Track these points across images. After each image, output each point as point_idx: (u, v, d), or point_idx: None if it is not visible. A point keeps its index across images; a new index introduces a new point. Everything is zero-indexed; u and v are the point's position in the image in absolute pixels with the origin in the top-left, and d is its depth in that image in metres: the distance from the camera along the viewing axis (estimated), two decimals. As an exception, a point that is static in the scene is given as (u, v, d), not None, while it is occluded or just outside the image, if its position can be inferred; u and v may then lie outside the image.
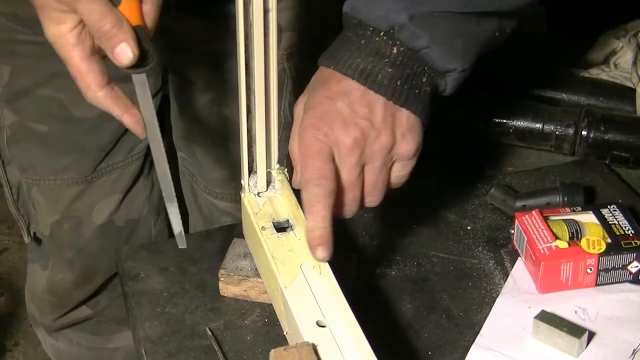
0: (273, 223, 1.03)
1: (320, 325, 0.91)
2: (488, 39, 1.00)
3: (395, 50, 0.96)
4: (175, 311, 1.08)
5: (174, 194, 0.98)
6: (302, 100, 0.99)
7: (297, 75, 1.27)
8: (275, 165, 1.07)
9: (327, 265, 0.96)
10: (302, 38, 1.28)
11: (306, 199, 0.95)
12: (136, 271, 1.15)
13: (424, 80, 0.97)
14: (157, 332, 1.05)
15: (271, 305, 1.07)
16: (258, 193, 1.07)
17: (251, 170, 1.07)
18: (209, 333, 1.04)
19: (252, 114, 1.02)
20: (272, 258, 0.98)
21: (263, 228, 1.02)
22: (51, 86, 1.34)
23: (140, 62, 0.92)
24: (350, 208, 0.98)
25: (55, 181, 1.42)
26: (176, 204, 0.97)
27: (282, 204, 1.06)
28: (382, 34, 0.96)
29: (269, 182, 1.07)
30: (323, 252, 0.94)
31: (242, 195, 1.07)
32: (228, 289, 1.08)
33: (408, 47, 0.96)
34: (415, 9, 0.94)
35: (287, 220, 1.03)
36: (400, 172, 1.00)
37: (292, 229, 1.02)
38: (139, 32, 0.91)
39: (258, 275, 1.06)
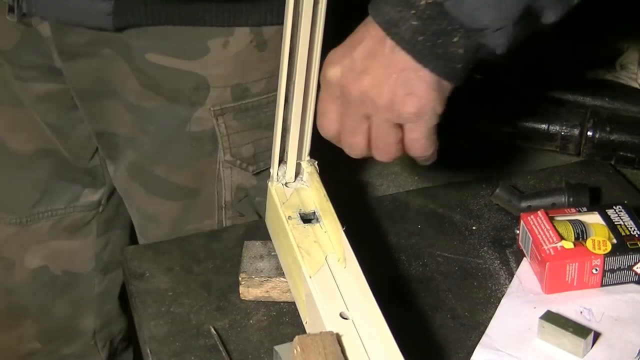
0: (299, 214, 1.04)
1: (343, 317, 0.92)
2: None
3: (423, 2, 0.91)
4: (181, 310, 1.08)
5: None
6: None
7: (228, 133, 1.24)
8: (306, 157, 1.08)
9: (353, 258, 0.97)
10: (234, 94, 1.20)
11: None
12: (141, 270, 1.15)
13: (454, 40, 0.91)
14: (162, 331, 1.05)
15: (277, 304, 1.07)
16: (285, 183, 1.07)
17: (281, 160, 1.07)
18: (214, 332, 1.04)
19: (289, 104, 1.03)
20: (297, 247, 0.99)
21: (289, 217, 1.03)
22: None
23: None
24: (349, 151, 1.01)
25: None
26: None
27: (310, 196, 1.06)
28: None
29: (297, 174, 1.08)
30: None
31: (270, 184, 1.08)
32: (249, 292, 1.08)
33: (437, 0, 0.90)
34: None
35: (314, 212, 1.04)
36: (409, 135, 0.98)
37: (318, 221, 1.02)
38: None
39: (279, 275, 1.07)
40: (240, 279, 1.08)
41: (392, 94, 0.94)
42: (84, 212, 1.41)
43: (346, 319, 0.91)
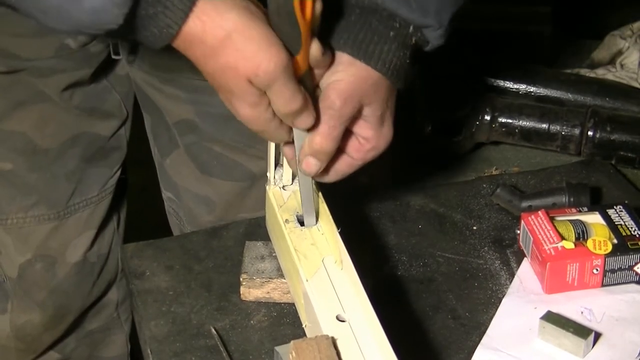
0: (297, 216, 1.03)
1: (340, 319, 0.92)
2: None
3: None
4: (181, 310, 1.08)
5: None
6: None
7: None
8: None
9: (349, 260, 0.97)
10: None
11: None
12: (142, 269, 1.15)
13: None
14: (163, 331, 1.05)
15: (277, 305, 1.07)
16: (283, 186, 1.08)
17: (277, 163, 1.07)
18: (215, 333, 1.04)
19: None
20: (294, 251, 0.99)
21: (287, 221, 1.03)
22: (14, 119, 1.30)
23: None
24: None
25: (25, 219, 1.37)
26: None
27: None
28: None
29: (294, 176, 1.08)
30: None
31: (267, 188, 1.08)
32: (250, 292, 1.08)
33: None
34: None
35: None
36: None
37: (315, 223, 1.02)
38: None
39: (280, 276, 1.07)
40: (241, 279, 1.08)
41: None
42: (112, 193, 1.43)
43: (343, 321, 0.92)
